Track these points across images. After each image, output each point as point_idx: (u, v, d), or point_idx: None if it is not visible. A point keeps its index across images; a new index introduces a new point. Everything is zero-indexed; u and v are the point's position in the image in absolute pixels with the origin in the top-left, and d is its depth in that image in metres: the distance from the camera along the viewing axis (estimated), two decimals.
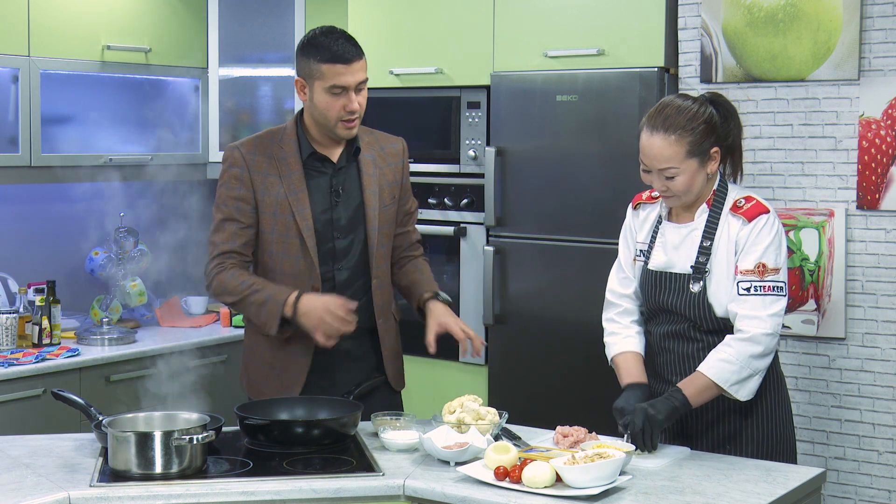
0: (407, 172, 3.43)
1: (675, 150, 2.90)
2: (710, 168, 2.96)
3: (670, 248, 3.03)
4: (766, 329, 2.88)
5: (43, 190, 4.76)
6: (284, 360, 3.26)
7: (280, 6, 5.12)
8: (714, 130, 2.95)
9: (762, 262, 2.90)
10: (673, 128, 2.91)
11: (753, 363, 2.88)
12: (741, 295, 2.90)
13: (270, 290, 3.16)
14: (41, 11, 4.40)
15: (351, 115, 3.16)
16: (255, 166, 3.23)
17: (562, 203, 4.22)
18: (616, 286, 3.18)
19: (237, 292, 3.18)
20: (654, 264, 3.06)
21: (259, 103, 5.24)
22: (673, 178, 2.92)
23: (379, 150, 3.35)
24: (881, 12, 3.63)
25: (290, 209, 3.21)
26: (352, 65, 3.13)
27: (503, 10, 4.37)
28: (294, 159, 3.24)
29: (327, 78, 3.13)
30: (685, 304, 2.98)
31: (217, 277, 3.22)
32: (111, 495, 2.57)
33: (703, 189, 2.98)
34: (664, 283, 3.02)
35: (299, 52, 3.20)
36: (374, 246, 3.27)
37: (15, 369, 4.05)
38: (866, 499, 3.74)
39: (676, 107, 2.94)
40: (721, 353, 2.89)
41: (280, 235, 3.22)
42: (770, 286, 2.90)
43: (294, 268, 3.23)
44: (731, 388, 2.88)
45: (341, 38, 3.15)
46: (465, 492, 2.58)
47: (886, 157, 3.65)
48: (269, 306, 3.14)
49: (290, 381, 3.26)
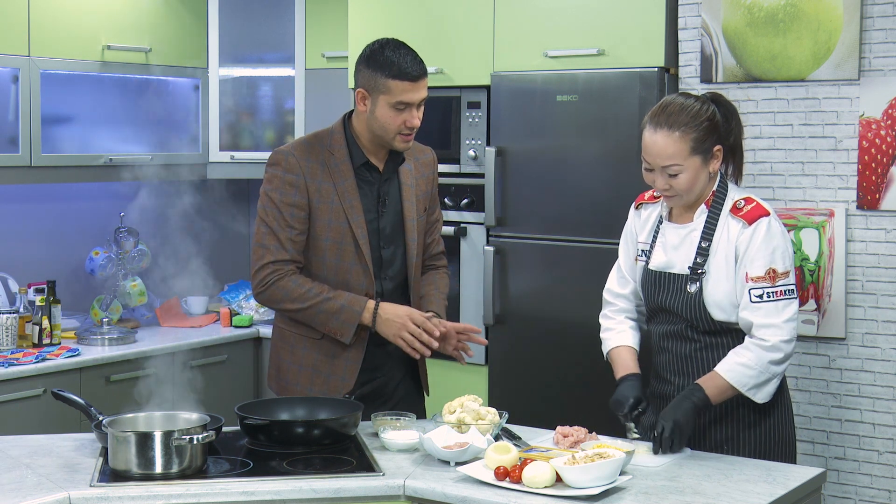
0: (436, 182, 3.44)
1: (678, 146, 2.90)
2: (713, 167, 2.96)
3: (670, 249, 3.03)
4: (784, 336, 2.88)
5: (43, 190, 4.76)
6: (333, 363, 3.25)
7: (280, 6, 5.12)
8: (717, 129, 2.95)
9: (772, 267, 2.89)
10: (676, 125, 2.91)
11: (772, 368, 2.89)
12: (754, 302, 2.89)
13: (345, 299, 3.17)
14: (41, 11, 4.40)
15: (410, 130, 3.17)
16: (311, 173, 3.20)
17: (562, 203, 4.22)
18: (613, 286, 3.20)
19: (304, 299, 3.16)
20: (654, 264, 3.06)
21: (259, 103, 5.24)
22: (676, 176, 2.92)
23: (414, 161, 3.36)
24: (881, 12, 3.63)
25: (345, 216, 3.20)
26: (418, 82, 3.13)
27: (503, 10, 4.37)
28: (346, 166, 3.23)
29: (394, 94, 3.12)
30: (682, 305, 2.99)
31: (277, 284, 3.17)
32: (111, 495, 2.57)
33: (704, 188, 2.98)
34: (663, 283, 3.03)
35: (364, 64, 3.17)
36: (412, 257, 3.29)
37: (15, 369, 4.05)
38: (866, 499, 3.74)
39: (680, 104, 2.94)
40: (741, 356, 2.88)
41: (334, 242, 3.21)
42: (782, 291, 2.89)
43: (348, 275, 3.23)
44: (748, 391, 2.89)
45: (409, 55, 3.14)
46: (466, 492, 2.58)
47: (886, 157, 3.65)
48: (345, 314, 3.15)
49: (337, 386, 3.24)
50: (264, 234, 3.20)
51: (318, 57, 5.07)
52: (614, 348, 3.12)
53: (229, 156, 5.08)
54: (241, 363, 4.88)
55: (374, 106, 3.16)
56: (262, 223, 3.21)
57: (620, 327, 3.15)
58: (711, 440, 3.02)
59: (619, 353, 3.10)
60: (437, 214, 3.47)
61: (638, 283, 3.15)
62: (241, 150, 5.12)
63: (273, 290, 3.18)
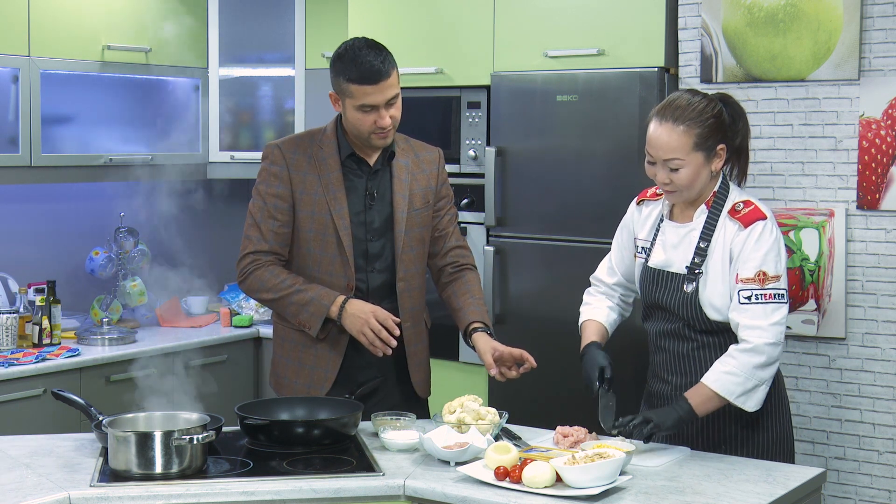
0: (444, 179, 3.43)
1: (682, 141, 2.91)
2: (715, 165, 2.96)
3: (669, 247, 3.04)
4: (769, 339, 2.86)
5: (43, 190, 4.76)
6: (315, 357, 3.28)
7: (280, 6, 5.12)
8: (722, 128, 2.96)
9: (762, 269, 2.89)
10: (682, 119, 2.91)
11: (758, 374, 2.86)
12: (742, 304, 2.89)
13: (315, 292, 3.19)
14: (41, 11, 4.40)
15: (383, 129, 3.17)
16: (295, 165, 3.24)
17: (562, 203, 4.22)
18: (601, 274, 3.28)
19: (278, 290, 3.21)
20: (653, 262, 3.07)
21: (259, 103, 5.24)
22: (677, 171, 2.92)
23: (413, 157, 3.36)
24: (881, 12, 3.63)
25: (327, 208, 3.22)
26: (380, 83, 3.11)
27: (503, 10, 4.37)
28: (333, 159, 3.25)
29: (356, 97, 3.13)
30: (678, 304, 2.99)
31: (254, 274, 3.24)
32: (111, 495, 2.57)
33: (705, 187, 2.98)
34: (661, 281, 3.03)
35: (331, 67, 3.19)
36: (399, 249, 3.29)
37: (15, 369, 4.05)
38: (866, 499, 3.74)
39: (687, 100, 2.95)
40: (725, 364, 2.87)
41: (317, 234, 3.24)
42: (771, 294, 2.88)
43: (330, 266, 3.25)
44: (736, 399, 2.87)
45: (370, 55, 3.12)
46: (465, 492, 2.59)
47: (886, 157, 3.64)
48: (314, 307, 3.18)
49: (320, 379, 3.27)
50: (249, 226, 3.28)
51: (318, 57, 5.07)
52: (585, 321, 3.21)
53: (229, 156, 5.08)
54: (241, 363, 4.88)
55: (344, 109, 3.19)
56: (249, 215, 3.29)
57: (597, 303, 3.23)
58: (710, 440, 3.02)
59: (587, 326, 3.20)
60: (449, 209, 3.46)
61: (637, 280, 3.16)
62: (241, 150, 5.12)
63: (250, 280, 3.26)
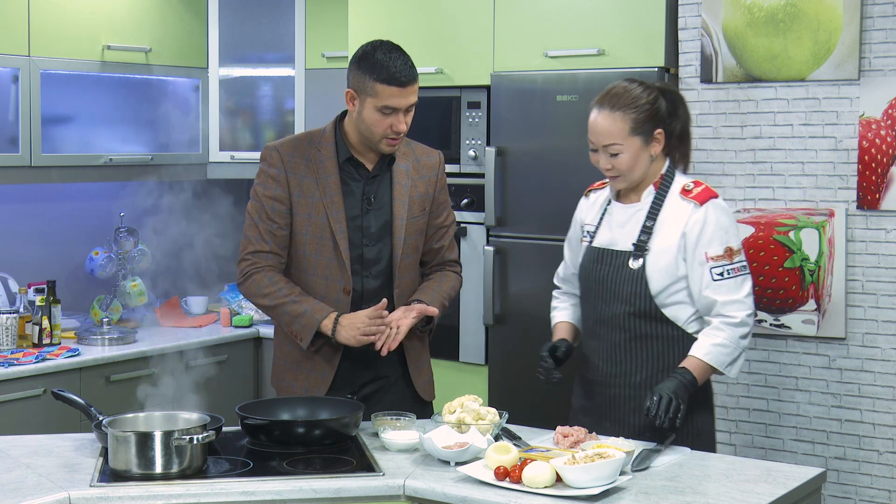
0: (442, 185, 3.42)
1: (619, 126, 3.04)
2: (654, 150, 3.07)
3: (615, 227, 3.14)
4: (747, 310, 3.02)
5: (43, 190, 4.76)
6: (313, 358, 3.27)
7: (280, 6, 5.12)
8: (658, 113, 3.07)
9: (728, 245, 3.03)
10: (618, 105, 3.04)
11: (742, 343, 3.02)
12: (716, 280, 3.01)
13: (309, 304, 3.19)
14: (41, 11, 4.40)
15: (396, 135, 3.17)
16: (293, 168, 3.23)
17: (562, 203, 4.20)
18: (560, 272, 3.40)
19: (274, 297, 3.21)
20: (598, 242, 3.17)
21: (259, 103, 5.24)
22: (617, 156, 3.05)
23: (414, 162, 3.34)
24: (881, 12, 3.63)
25: (324, 211, 3.22)
26: (406, 88, 3.12)
27: (503, 10, 4.37)
28: (331, 163, 3.24)
29: (380, 98, 3.11)
30: (622, 280, 3.07)
31: (252, 278, 3.24)
32: (111, 495, 2.57)
33: (646, 171, 3.09)
34: (604, 259, 3.13)
35: (354, 65, 3.17)
36: (398, 256, 3.28)
37: (15, 369, 4.05)
38: (866, 499, 3.74)
39: (623, 88, 3.08)
40: (715, 337, 3.00)
41: (313, 237, 3.23)
42: (738, 267, 3.04)
43: (326, 269, 3.24)
44: (725, 368, 3.01)
45: (400, 59, 3.12)
46: (466, 492, 2.58)
47: (886, 157, 3.65)
48: (306, 320, 3.17)
49: (318, 380, 3.27)
50: (248, 226, 3.28)
51: (318, 57, 5.08)
52: (555, 324, 3.35)
53: (229, 156, 5.08)
54: (241, 363, 4.88)
55: (361, 107, 3.16)
56: (247, 216, 3.29)
57: (562, 305, 3.36)
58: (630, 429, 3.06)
59: (557, 328, 3.34)
60: (446, 218, 3.43)
61: (577, 265, 3.24)
62: (241, 150, 5.12)
63: (249, 284, 3.26)
